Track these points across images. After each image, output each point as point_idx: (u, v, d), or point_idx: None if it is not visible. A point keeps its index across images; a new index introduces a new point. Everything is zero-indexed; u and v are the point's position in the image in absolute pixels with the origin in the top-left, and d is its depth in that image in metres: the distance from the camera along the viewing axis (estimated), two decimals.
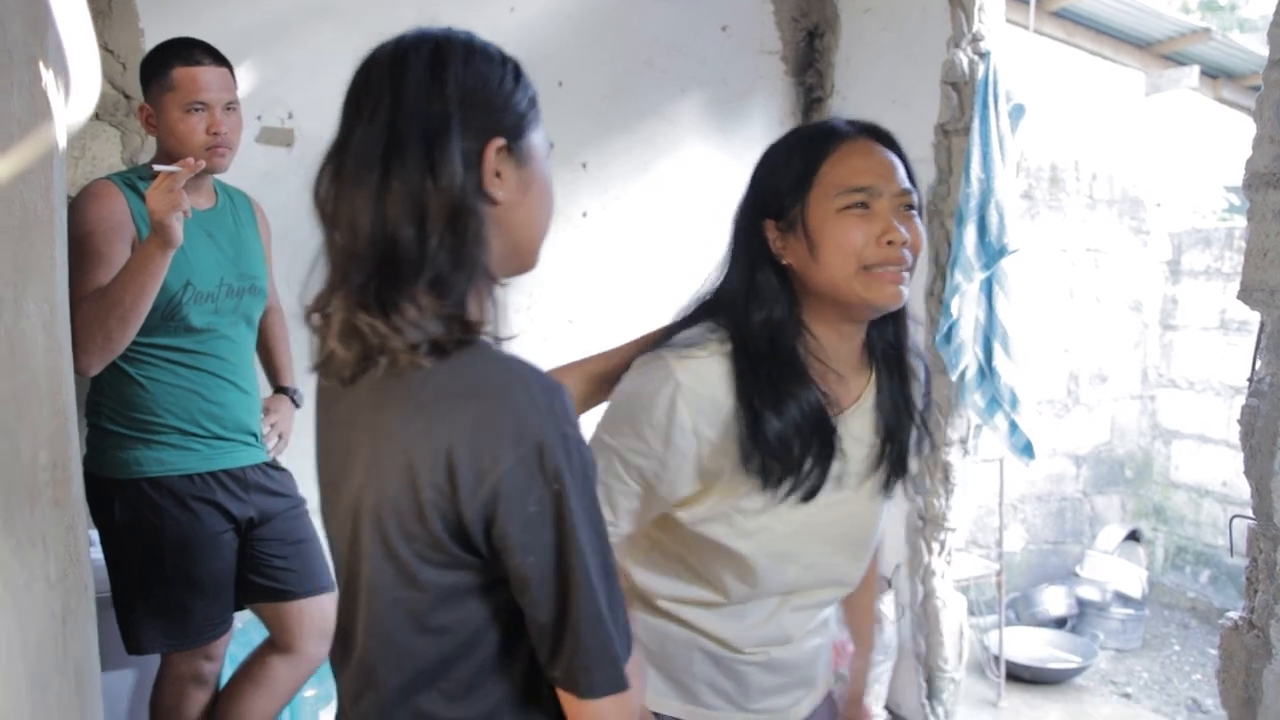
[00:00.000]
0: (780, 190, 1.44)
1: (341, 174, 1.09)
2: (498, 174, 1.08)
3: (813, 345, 1.44)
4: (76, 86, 2.16)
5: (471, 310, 1.06)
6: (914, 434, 1.56)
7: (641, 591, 1.55)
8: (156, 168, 2.10)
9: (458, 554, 1.04)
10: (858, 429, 1.50)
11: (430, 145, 1.04)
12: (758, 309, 1.42)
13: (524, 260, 1.18)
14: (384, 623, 1.09)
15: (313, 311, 1.14)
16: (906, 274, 1.40)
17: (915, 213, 1.43)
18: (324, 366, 1.13)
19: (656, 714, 1.55)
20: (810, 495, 1.42)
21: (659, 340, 1.49)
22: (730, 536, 1.45)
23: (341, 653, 1.20)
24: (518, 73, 1.14)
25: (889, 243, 1.37)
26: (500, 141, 1.08)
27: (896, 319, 1.52)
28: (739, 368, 1.40)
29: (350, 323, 1.06)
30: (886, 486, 1.54)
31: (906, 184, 1.42)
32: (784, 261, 1.44)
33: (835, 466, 1.44)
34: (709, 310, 1.49)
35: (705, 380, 1.39)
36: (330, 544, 1.22)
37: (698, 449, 1.40)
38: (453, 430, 1.00)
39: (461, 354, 1.04)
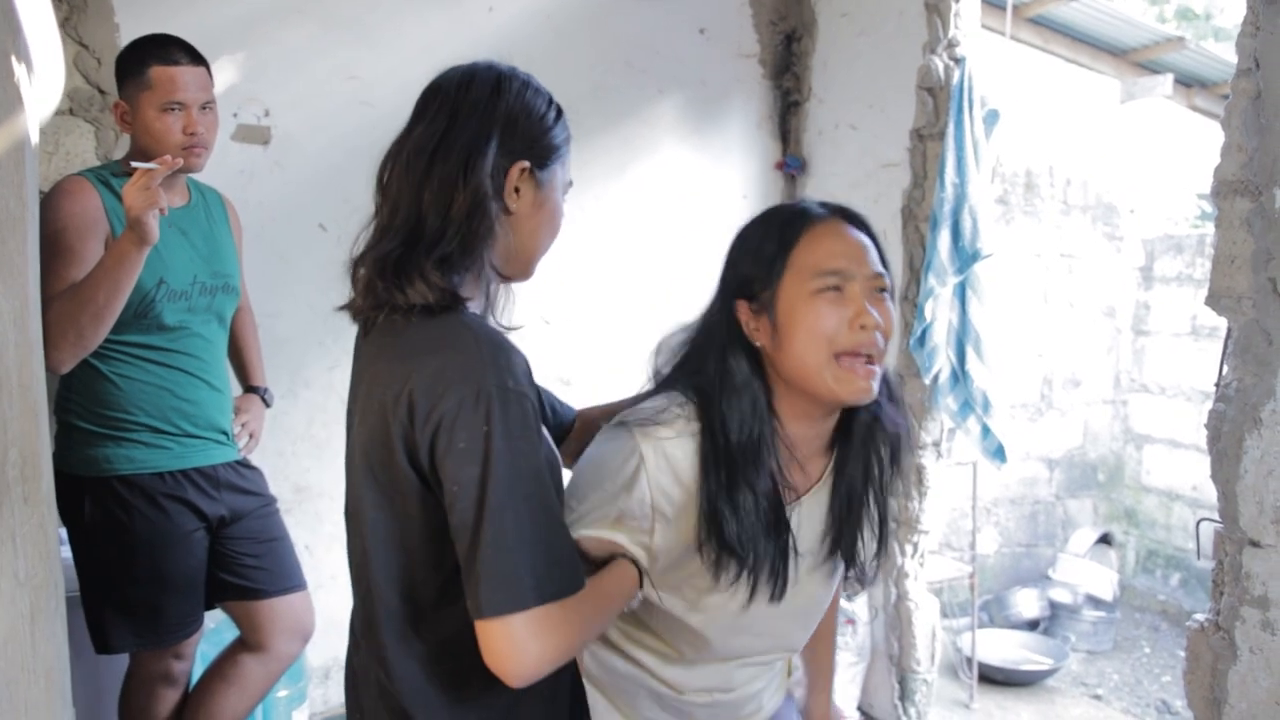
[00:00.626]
0: (753, 272, 1.43)
1: (398, 160, 1.30)
2: (517, 190, 1.31)
3: (780, 433, 1.43)
4: (42, 80, 2.14)
5: (467, 289, 1.28)
6: (871, 530, 1.54)
7: None
8: (134, 164, 2.08)
9: (416, 483, 1.22)
10: (813, 513, 1.49)
11: (470, 152, 1.26)
12: (728, 398, 1.40)
13: (521, 267, 1.38)
14: (372, 542, 1.28)
15: (355, 266, 1.34)
16: (877, 368, 1.39)
17: (887, 295, 1.42)
18: (348, 310, 1.36)
19: None
20: (779, 594, 1.43)
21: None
22: (682, 609, 1.47)
23: (356, 586, 1.39)
24: (558, 115, 1.37)
25: (861, 327, 1.36)
26: (525, 164, 1.31)
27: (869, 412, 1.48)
28: (703, 452, 1.39)
29: (371, 280, 1.27)
30: (835, 571, 1.55)
31: (879, 267, 1.42)
32: (756, 344, 1.42)
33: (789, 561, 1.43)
34: (680, 375, 1.48)
35: (667, 458, 1.39)
36: (346, 489, 1.40)
37: (652, 522, 1.39)
38: (417, 374, 1.19)
39: (441, 317, 1.24)
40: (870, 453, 1.50)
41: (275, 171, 3.27)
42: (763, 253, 1.43)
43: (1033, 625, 4.94)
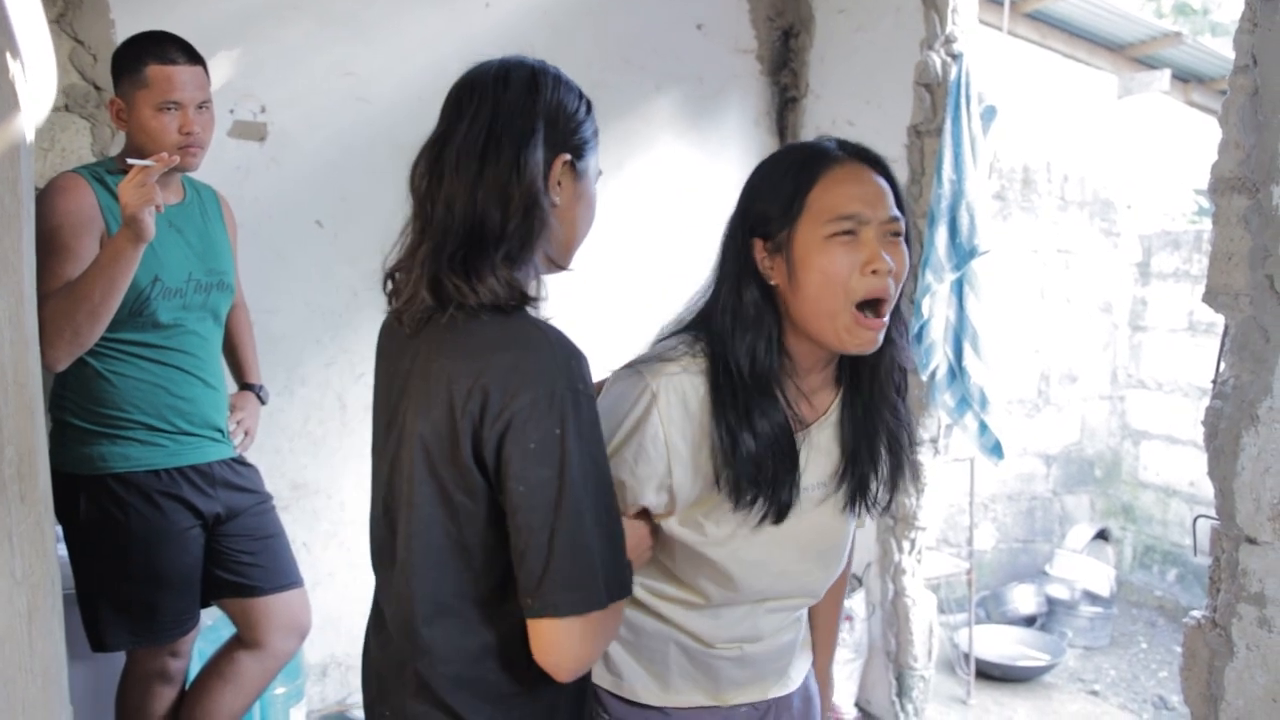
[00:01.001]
0: (769, 212, 1.43)
1: (442, 161, 1.30)
2: (559, 183, 1.33)
3: (788, 367, 1.45)
4: (35, 77, 2.13)
5: (530, 284, 1.31)
6: (887, 461, 1.55)
7: None
8: (130, 161, 2.08)
9: (479, 480, 1.22)
10: (823, 443, 1.51)
11: (519, 148, 1.27)
12: (743, 331, 1.43)
13: (564, 257, 1.42)
14: (421, 537, 1.28)
15: (396, 271, 1.34)
16: (885, 318, 1.40)
17: (902, 239, 1.41)
18: (401, 311, 1.32)
19: (636, 702, 1.58)
20: (780, 517, 1.44)
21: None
22: (703, 544, 1.47)
23: (381, 569, 1.39)
24: (589, 108, 1.39)
25: (874, 272, 1.36)
26: (567, 157, 1.32)
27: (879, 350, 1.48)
28: (714, 385, 1.41)
29: (438, 277, 1.26)
30: (850, 504, 1.55)
31: (895, 211, 1.41)
32: (771, 282, 1.43)
33: (801, 483, 1.45)
34: (692, 323, 1.51)
35: (678, 394, 1.42)
36: (375, 475, 1.41)
37: (667, 461, 1.42)
38: (490, 370, 1.20)
39: (511, 315, 1.26)
40: (877, 387, 1.52)
41: (272, 168, 3.26)
42: (780, 192, 1.43)
43: (1030, 621, 4.94)
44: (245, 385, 2.74)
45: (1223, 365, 1.80)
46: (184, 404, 2.37)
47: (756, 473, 1.40)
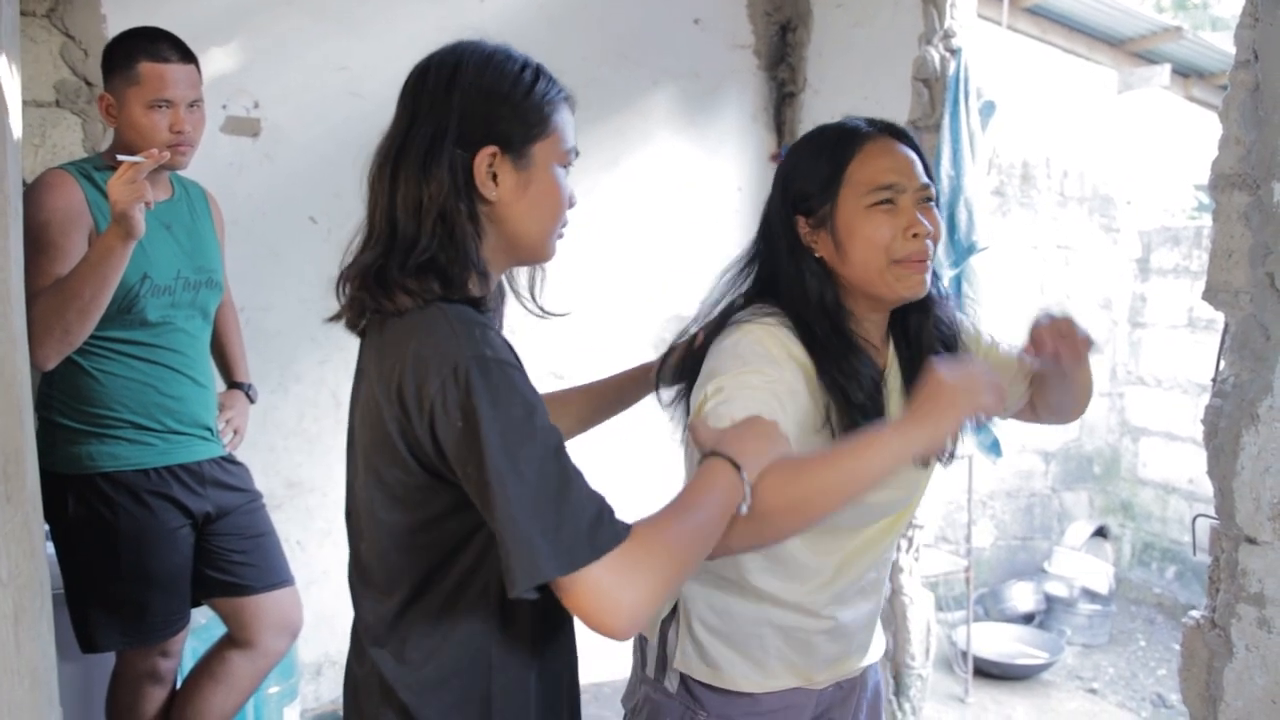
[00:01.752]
0: (809, 190, 1.53)
1: (372, 172, 1.29)
2: (495, 176, 1.26)
3: (854, 324, 1.55)
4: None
5: (473, 288, 1.26)
6: None
7: (710, 569, 1.59)
8: (120, 157, 2.06)
9: (423, 476, 1.20)
10: (895, 385, 1.61)
11: (426, 153, 1.23)
12: (814, 293, 1.52)
13: (529, 251, 1.35)
14: (379, 543, 1.27)
15: (342, 280, 1.33)
16: (929, 265, 1.52)
17: (933, 204, 1.54)
18: (340, 319, 1.35)
19: (734, 691, 1.60)
20: None
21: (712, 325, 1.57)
22: None
23: (356, 575, 1.36)
24: (534, 85, 1.30)
25: (914, 235, 1.48)
26: (493, 149, 1.25)
27: (920, 305, 1.60)
28: (807, 345, 1.49)
29: (355, 293, 1.28)
30: None
31: (925, 179, 1.54)
32: (816, 255, 1.54)
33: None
34: (751, 298, 1.58)
35: (781, 341, 1.49)
36: (346, 494, 1.39)
37: (793, 369, 1.47)
38: (398, 364, 1.19)
39: (420, 309, 1.22)
40: (924, 333, 1.62)
41: (265, 164, 3.25)
42: (818, 171, 1.53)
43: (1028, 619, 4.94)
44: (234, 384, 2.72)
45: (1223, 363, 1.78)
46: (173, 402, 2.35)
47: (865, 416, 1.48)
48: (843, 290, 1.55)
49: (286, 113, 3.26)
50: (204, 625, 2.78)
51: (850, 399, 1.48)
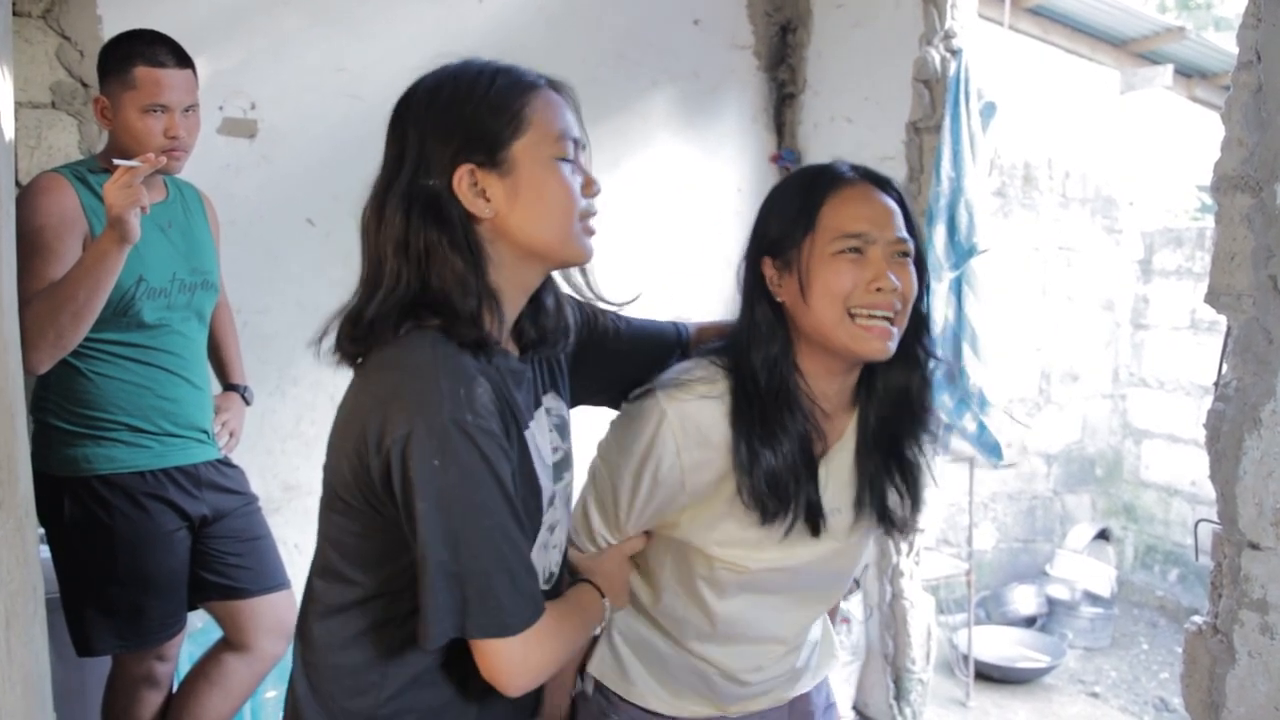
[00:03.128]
0: (779, 230, 1.46)
1: (365, 216, 1.27)
2: (484, 193, 1.22)
3: (803, 385, 1.46)
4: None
5: (483, 320, 1.22)
6: (902, 490, 1.56)
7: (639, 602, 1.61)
8: (117, 161, 2.05)
9: (366, 510, 1.21)
10: (842, 466, 1.52)
11: (409, 191, 1.21)
12: (757, 346, 1.45)
13: (552, 255, 1.29)
14: (318, 562, 1.31)
15: (345, 323, 1.29)
16: (894, 327, 1.42)
17: (910, 260, 1.44)
18: (337, 352, 1.31)
19: (645, 709, 1.60)
20: (814, 530, 1.46)
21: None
22: (741, 558, 1.49)
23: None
24: (491, 87, 1.24)
25: (878, 290, 1.39)
26: (467, 167, 1.21)
27: (907, 370, 1.51)
28: (736, 404, 1.43)
29: (350, 335, 1.26)
30: (867, 529, 1.55)
31: (903, 232, 1.44)
32: (779, 299, 1.46)
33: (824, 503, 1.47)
34: (720, 349, 1.53)
35: (693, 419, 1.42)
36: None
37: (682, 478, 1.43)
38: (369, 397, 1.19)
39: (408, 336, 1.20)
40: (891, 407, 1.52)
41: (262, 165, 3.24)
42: (789, 211, 1.46)
43: (1030, 622, 4.92)
44: (230, 386, 2.71)
45: (1225, 367, 1.77)
46: (169, 405, 2.34)
47: (776, 488, 1.41)
48: (802, 347, 1.47)
49: (284, 114, 3.25)
50: (200, 629, 2.77)
51: (755, 465, 1.41)
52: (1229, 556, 1.77)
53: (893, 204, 1.45)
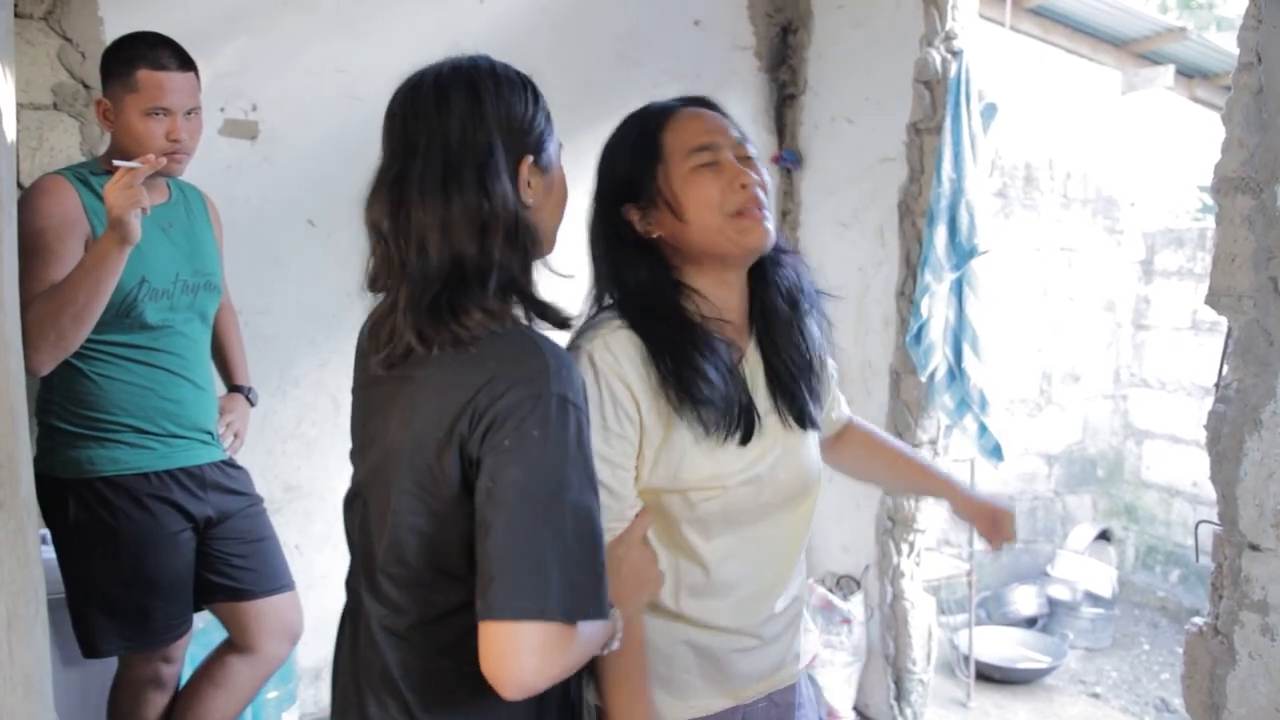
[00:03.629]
0: (631, 174, 1.53)
1: (405, 200, 1.25)
2: (529, 184, 1.30)
3: (699, 301, 1.52)
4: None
5: (542, 299, 1.30)
6: (815, 371, 1.62)
7: None
8: (117, 163, 2.05)
9: (460, 489, 1.20)
10: (756, 372, 1.57)
11: (482, 172, 1.24)
12: (629, 275, 1.53)
13: (548, 248, 1.39)
14: (400, 547, 1.27)
15: (378, 324, 1.30)
16: (768, 213, 1.51)
17: (755, 160, 1.54)
18: (389, 356, 1.28)
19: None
20: (747, 436, 1.49)
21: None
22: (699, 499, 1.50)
23: (364, 571, 1.38)
24: (535, 93, 1.34)
25: (742, 186, 1.48)
26: (530, 159, 1.30)
27: (777, 265, 1.60)
28: (642, 335, 1.48)
29: (421, 328, 1.23)
30: (800, 421, 1.58)
31: (740, 137, 1.55)
32: (654, 235, 1.53)
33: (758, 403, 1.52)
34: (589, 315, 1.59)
35: (613, 346, 1.47)
36: (357, 484, 1.42)
37: (634, 398, 1.45)
38: (480, 379, 1.18)
39: (511, 332, 1.25)
40: (780, 303, 1.60)
41: (263, 167, 3.24)
42: (632, 154, 1.54)
43: (1031, 622, 4.91)
44: (234, 387, 2.71)
45: (1226, 368, 1.77)
46: (173, 406, 2.34)
47: (709, 398, 1.45)
48: (689, 267, 1.53)
49: (285, 115, 3.25)
50: (204, 630, 2.77)
51: (684, 385, 1.44)
52: (1229, 558, 1.77)
53: (721, 117, 1.57)
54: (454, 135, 1.25)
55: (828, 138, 3.98)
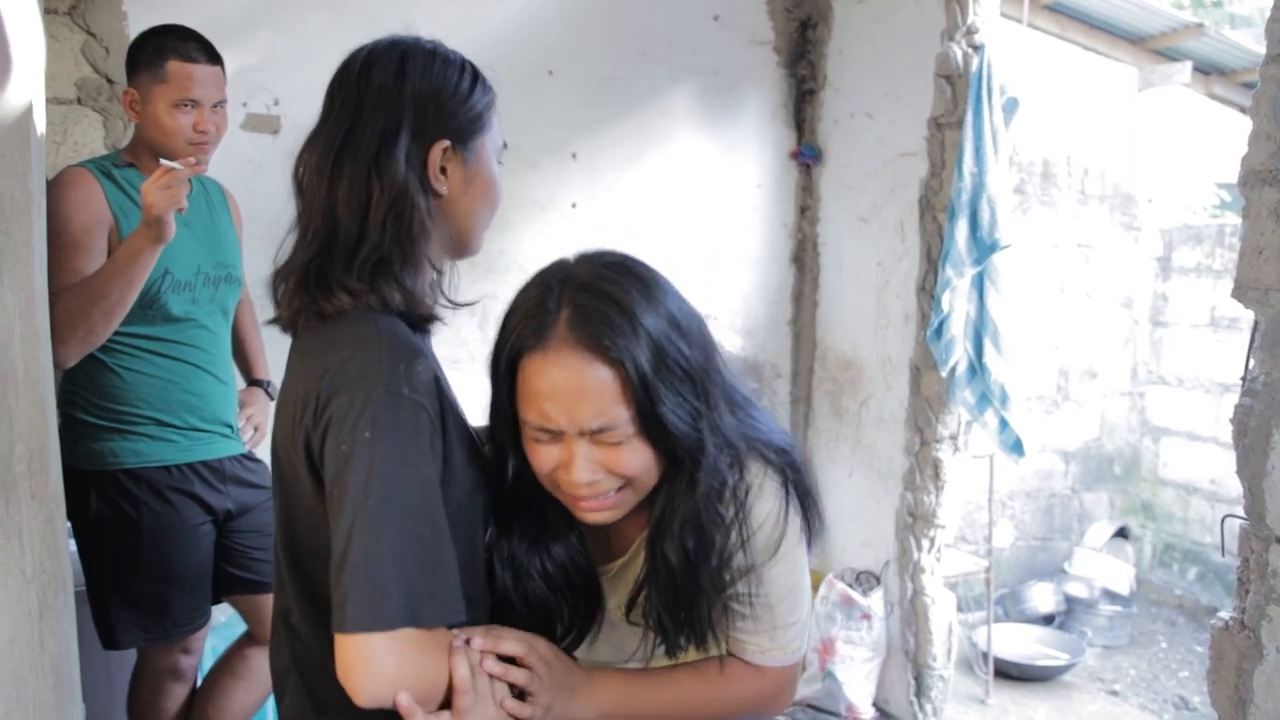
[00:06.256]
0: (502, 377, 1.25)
1: (308, 166, 1.27)
2: (443, 170, 1.25)
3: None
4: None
5: (412, 288, 1.24)
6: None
7: None
8: (163, 162, 2.06)
9: (314, 488, 1.17)
10: (625, 579, 1.39)
11: (379, 146, 1.21)
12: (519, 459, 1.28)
13: (464, 246, 1.34)
14: (282, 535, 1.28)
15: (278, 279, 1.29)
16: (609, 500, 1.24)
17: (622, 436, 1.19)
18: (276, 324, 1.31)
19: None
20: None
21: None
22: None
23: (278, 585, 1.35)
24: (475, 81, 1.31)
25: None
26: (445, 143, 1.25)
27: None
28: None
29: (293, 292, 1.24)
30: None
31: (600, 419, 1.17)
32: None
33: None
34: None
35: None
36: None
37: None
38: (320, 370, 1.15)
39: (356, 316, 1.20)
40: (678, 537, 1.26)
41: (286, 161, 3.21)
42: (494, 364, 1.24)
43: (1049, 620, 4.90)
44: (254, 381, 2.73)
45: (1252, 362, 1.76)
46: (195, 399, 2.35)
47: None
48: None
49: (307, 110, 3.21)
50: (224, 623, 2.78)
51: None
52: (1256, 552, 1.76)
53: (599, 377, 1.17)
54: (366, 108, 1.23)
55: (847, 133, 3.98)
